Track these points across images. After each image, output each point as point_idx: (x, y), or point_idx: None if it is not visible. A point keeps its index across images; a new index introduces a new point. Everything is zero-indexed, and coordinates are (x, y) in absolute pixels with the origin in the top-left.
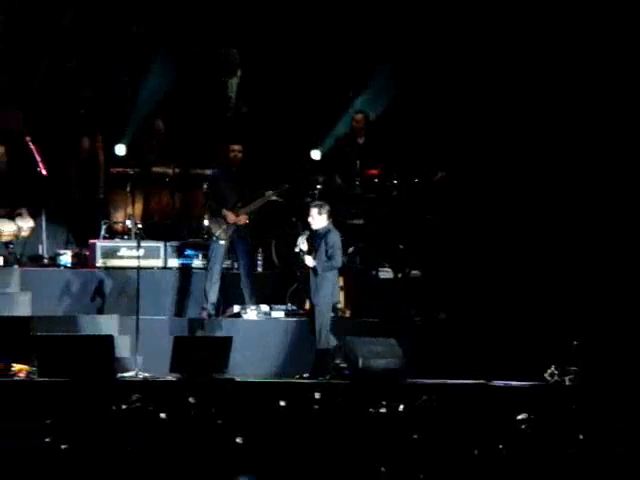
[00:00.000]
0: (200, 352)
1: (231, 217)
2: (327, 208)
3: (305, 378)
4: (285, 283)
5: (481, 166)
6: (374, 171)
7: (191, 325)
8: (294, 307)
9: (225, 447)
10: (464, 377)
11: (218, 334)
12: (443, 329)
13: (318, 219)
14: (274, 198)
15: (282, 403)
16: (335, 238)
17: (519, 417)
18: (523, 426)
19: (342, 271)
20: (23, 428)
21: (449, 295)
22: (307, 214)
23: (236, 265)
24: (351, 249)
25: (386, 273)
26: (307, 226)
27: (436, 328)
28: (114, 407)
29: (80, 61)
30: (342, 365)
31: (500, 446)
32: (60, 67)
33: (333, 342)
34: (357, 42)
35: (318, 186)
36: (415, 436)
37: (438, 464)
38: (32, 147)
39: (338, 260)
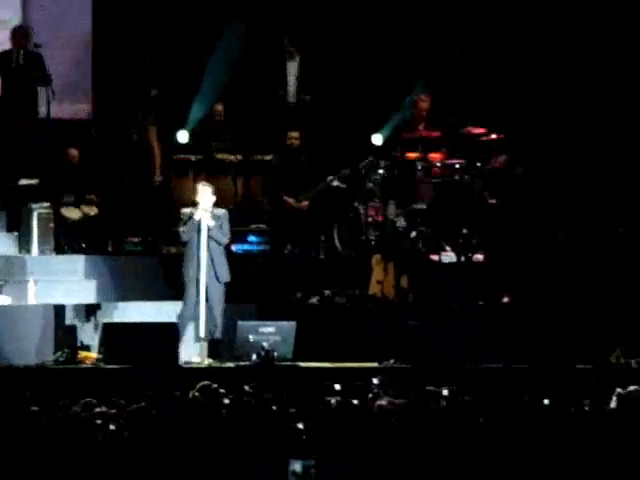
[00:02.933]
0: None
1: (293, 203)
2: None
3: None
4: (347, 268)
5: (547, 149)
6: (437, 155)
7: (255, 311)
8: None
9: (286, 432)
10: (526, 362)
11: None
12: (507, 313)
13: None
14: (335, 184)
15: (337, 387)
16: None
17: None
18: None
19: (405, 255)
20: (88, 415)
21: (513, 279)
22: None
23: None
24: (414, 233)
25: (449, 257)
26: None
27: (500, 312)
28: (178, 393)
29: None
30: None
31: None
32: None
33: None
34: (420, 24)
35: (380, 171)
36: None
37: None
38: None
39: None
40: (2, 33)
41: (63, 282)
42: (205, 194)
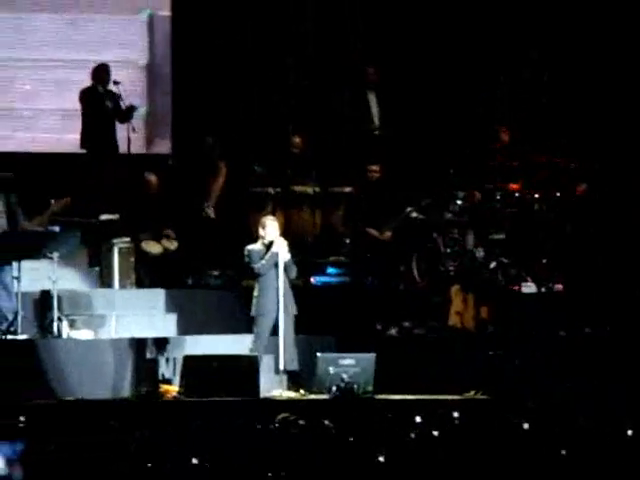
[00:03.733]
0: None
1: (376, 235)
2: None
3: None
4: (426, 300)
5: (625, 177)
6: (515, 185)
7: (334, 342)
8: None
9: (368, 465)
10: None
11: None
12: (588, 343)
13: None
14: (414, 215)
15: (418, 419)
16: None
17: None
18: None
19: (484, 286)
20: (171, 449)
21: (594, 309)
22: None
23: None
24: (493, 264)
25: (529, 287)
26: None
27: (582, 342)
28: (259, 426)
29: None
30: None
31: None
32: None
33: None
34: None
35: (458, 201)
36: (563, 452)
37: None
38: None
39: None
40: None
41: (144, 316)
42: (272, 228)
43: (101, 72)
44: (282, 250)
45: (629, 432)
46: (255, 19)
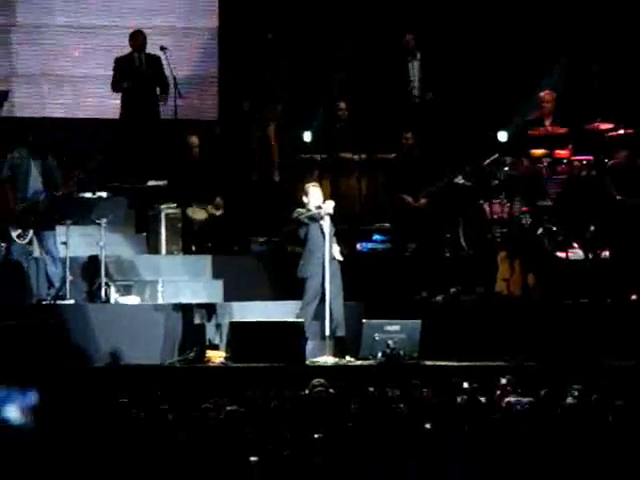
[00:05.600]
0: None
1: (411, 202)
2: None
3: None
4: (473, 267)
5: None
6: (563, 152)
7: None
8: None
9: (410, 433)
10: None
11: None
12: (635, 310)
13: None
14: (460, 181)
15: (465, 385)
16: None
17: None
18: None
19: (531, 252)
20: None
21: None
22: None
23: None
24: (540, 230)
25: (576, 254)
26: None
27: (627, 309)
28: (303, 392)
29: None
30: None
31: None
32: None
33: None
34: (543, 19)
35: (505, 168)
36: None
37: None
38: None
39: None
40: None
41: (190, 282)
42: (316, 194)
43: (136, 39)
44: (328, 209)
45: None
46: None
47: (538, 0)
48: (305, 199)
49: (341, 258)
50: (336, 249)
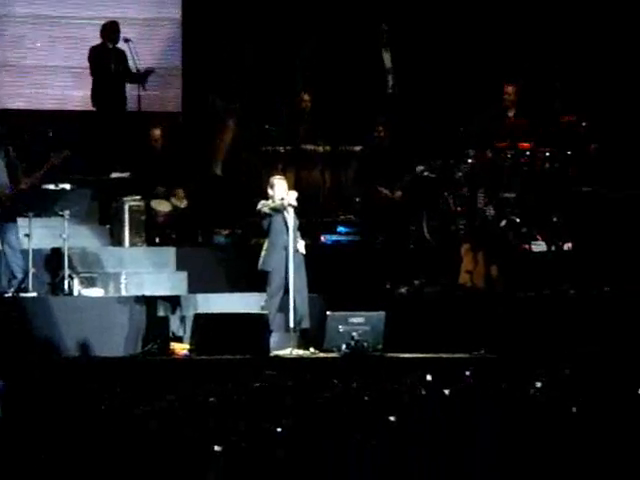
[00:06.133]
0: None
1: (387, 194)
2: None
3: None
4: (437, 259)
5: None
6: (526, 144)
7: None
8: (446, 282)
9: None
10: (620, 349)
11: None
12: (599, 302)
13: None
14: (425, 173)
15: (429, 378)
16: None
17: None
18: None
19: (494, 244)
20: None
21: (605, 268)
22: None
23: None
24: (503, 222)
25: (539, 246)
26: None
27: (591, 301)
28: (266, 384)
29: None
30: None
31: None
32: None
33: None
34: (511, 14)
35: (469, 160)
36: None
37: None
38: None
39: None
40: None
41: (154, 274)
42: (281, 187)
43: (110, 30)
44: (291, 201)
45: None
46: None
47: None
48: (270, 191)
49: (304, 252)
50: (300, 243)
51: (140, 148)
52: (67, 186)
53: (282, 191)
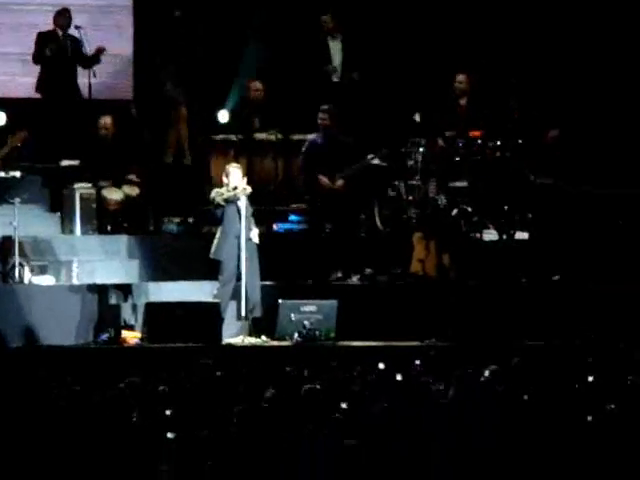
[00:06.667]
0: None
1: (327, 183)
2: None
3: None
4: (389, 248)
5: (595, 123)
6: (477, 132)
7: (296, 290)
8: (398, 271)
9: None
10: (570, 339)
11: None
12: (553, 291)
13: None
14: (376, 162)
15: (381, 366)
16: None
17: None
18: None
19: (446, 233)
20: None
21: (558, 257)
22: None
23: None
24: (455, 211)
25: (491, 235)
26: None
27: (546, 290)
28: (219, 373)
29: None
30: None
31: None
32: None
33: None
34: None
35: (420, 149)
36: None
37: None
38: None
39: None
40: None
41: (106, 262)
42: (236, 175)
43: (62, 16)
44: (244, 191)
45: (589, 378)
46: None
47: None
48: (225, 180)
49: (257, 241)
50: (254, 231)
51: (91, 136)
52: (17, 173)
53: (237, 179)
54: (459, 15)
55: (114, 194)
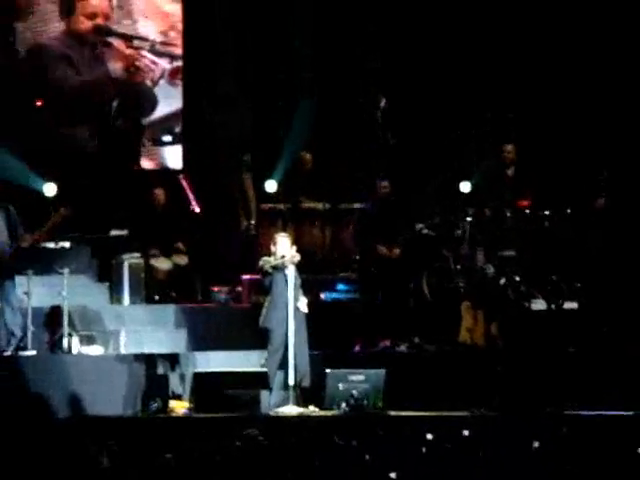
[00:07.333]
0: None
1: (385, 251)
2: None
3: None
4: (437, 317)
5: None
6: (525, 202)
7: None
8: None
9: None
10: (623, 409)
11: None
12: (598, 360)
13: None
14: (425, 231)
15: (429, 437)
16: None
17: None
18: None
19: (494, 302)
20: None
21: (608, 326)
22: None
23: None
24: (503, 280)
25: (539, 305)
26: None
27: (592, 359)
28: (266, 442)
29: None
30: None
31: None
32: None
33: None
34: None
35: (468, 218)
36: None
37: None
38: (186, 185)
39: None
40: None
41: (154, 332)
42: (284, 244)
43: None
44: (293, 258)
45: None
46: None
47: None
48: (273, 248)
49: (306, 310)
50: (303, 301)
51: (140, 206)
52: (66, 244)
53: (284, 248)
54: (507, 85)
55: (163, 263)
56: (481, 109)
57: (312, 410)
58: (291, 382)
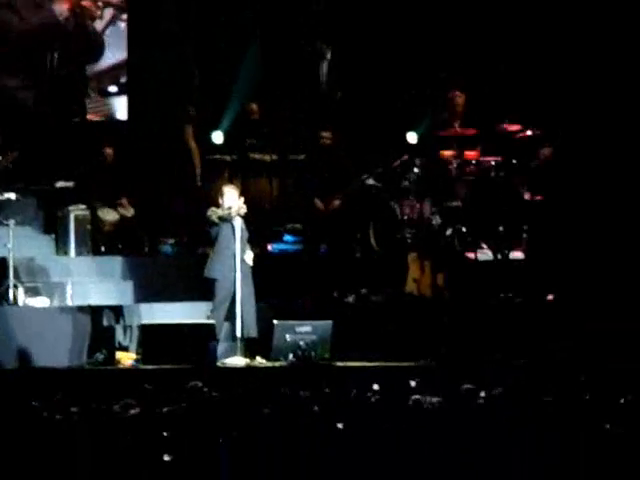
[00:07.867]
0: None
1: (322, 206)
2: None
3: None
4: (383, 268)
5: (591, 140)
6: (472, 153)
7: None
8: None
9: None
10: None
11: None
12: (548, 311)
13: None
14: (370, 182)
15: (376, 387)
16: None
17: None
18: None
19: (440, 253)
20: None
21: (553, 276)
22: None
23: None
24: (449, 231)
25: (485, 255)
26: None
27: (541, 310)
28: (214, 394)
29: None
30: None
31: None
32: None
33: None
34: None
35: (415, 169)
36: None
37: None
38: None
39: None
40: None
41: (100, 284)
42: (231, 196)
43: None
44: (239, 211)
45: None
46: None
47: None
48: (221, 200)
49: (251, 264)
50: (248, 254)
51: (86, 157)
52: (12, 195)
53: (232, 200)
54: (455, 31)
55: (109, 215)
56: (434, 68)
57: (259, 361)
58: (238, 334)
